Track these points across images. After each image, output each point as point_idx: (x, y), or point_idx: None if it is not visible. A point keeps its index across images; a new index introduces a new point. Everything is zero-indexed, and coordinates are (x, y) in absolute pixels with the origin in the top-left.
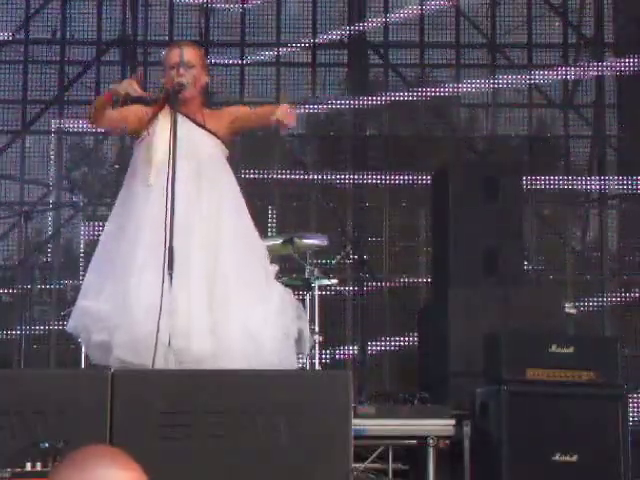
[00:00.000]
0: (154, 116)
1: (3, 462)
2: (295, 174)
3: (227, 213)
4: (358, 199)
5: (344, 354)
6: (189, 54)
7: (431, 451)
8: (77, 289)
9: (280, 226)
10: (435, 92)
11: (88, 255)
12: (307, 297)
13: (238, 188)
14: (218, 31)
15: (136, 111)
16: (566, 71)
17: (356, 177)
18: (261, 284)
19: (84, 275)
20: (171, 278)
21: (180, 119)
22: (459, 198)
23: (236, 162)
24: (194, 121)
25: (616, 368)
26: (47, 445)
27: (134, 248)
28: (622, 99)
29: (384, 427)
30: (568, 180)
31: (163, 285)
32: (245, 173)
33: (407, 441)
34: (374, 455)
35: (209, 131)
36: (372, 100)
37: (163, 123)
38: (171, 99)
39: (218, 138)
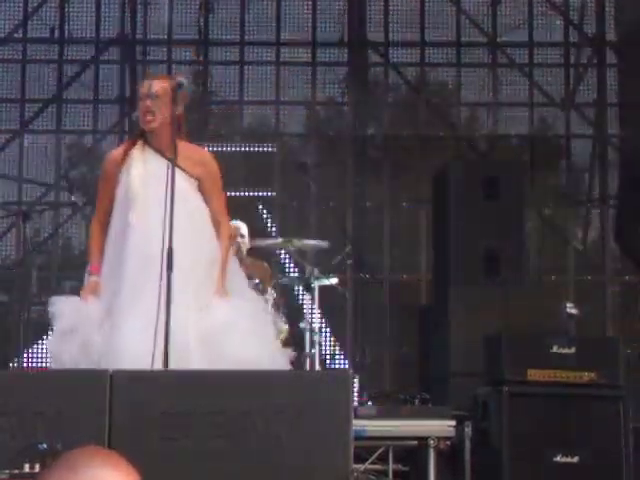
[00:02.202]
0: (126, 154)
1: (2, 463)
2: (295, 174)
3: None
4: (358, 199)
5: (344, 354)
6: (157, 86)
7: (432, 452)
8: (76, 289)
9: (280, 226)
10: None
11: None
12: (307, 297)
13: (207, 214)
14: (218, 30)
15: (105, 183)
16: (567, 70)
17: (356, 177)
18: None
19: (82, 275)
20: (169, 279)
21: (151, 155)
22: (459, 198)
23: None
24: (164, 156)
25: (617, 369)
26: (46, 446)
27: (120, 288)
28: (623, 98)
29: (384, 428)
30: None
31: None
32: (244, 173)
33: (407, 442)
34: (374, 456)
35: (179, 167)
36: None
37: (136, 162)
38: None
39: (187, 174)
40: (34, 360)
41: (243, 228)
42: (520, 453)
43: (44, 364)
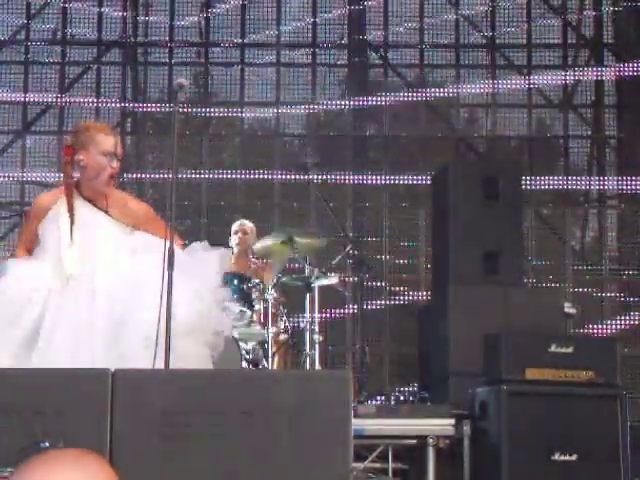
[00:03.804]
0: (55, 201)
1: (3, 462)
2: (295, 174)
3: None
4: (358, 199)
5: (344, 354)
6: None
7: (431, 450)
8: None
9: (280, 226)
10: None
11: None
12: (307, 297)
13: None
14: (218, 32)
15: (31, 223)
16: (565, 71)
17: (356, 177)
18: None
19: None
20: (171, 277)
21: (81, 203)
22: (459, 198)
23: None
24: (95, 205)
25: (615, 368)
26: (47, 445)
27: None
28: (621, 99)
29: (384, 427)
30: (568, 180)
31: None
32: (245, 173)
33: (407, 441)
34: (374, 454)
35: (112, 217)
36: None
37: (64, 213)
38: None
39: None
40: None
41: (249, 225)
42: (519, 451)
43: None
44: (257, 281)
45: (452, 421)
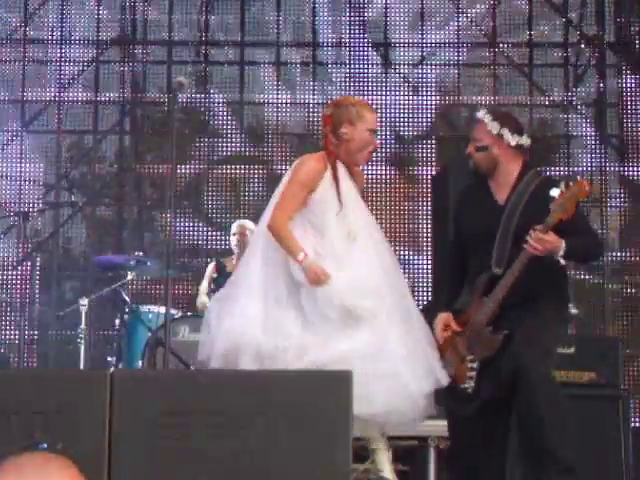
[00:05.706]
0: (333, 167)
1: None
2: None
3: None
4: None
5: None
6: None
7: (432, 451)
8: (75, 289)
9: None
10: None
11: (86, 255)
12: None
13: None
14: (218, 31)
15: (306, 189)
16: (567, 70)
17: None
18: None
19: (82, 275)
20: (168, 278)
21: (345, 175)
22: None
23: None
24: (351, 177)
25: (617, 368)
26: (46, 446)
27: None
28: (623, 98)
29: None
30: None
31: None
32: (245, 173)
33: (407, 441)
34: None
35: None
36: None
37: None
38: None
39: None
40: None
41: (248, 226)
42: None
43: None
44: None
45: None
